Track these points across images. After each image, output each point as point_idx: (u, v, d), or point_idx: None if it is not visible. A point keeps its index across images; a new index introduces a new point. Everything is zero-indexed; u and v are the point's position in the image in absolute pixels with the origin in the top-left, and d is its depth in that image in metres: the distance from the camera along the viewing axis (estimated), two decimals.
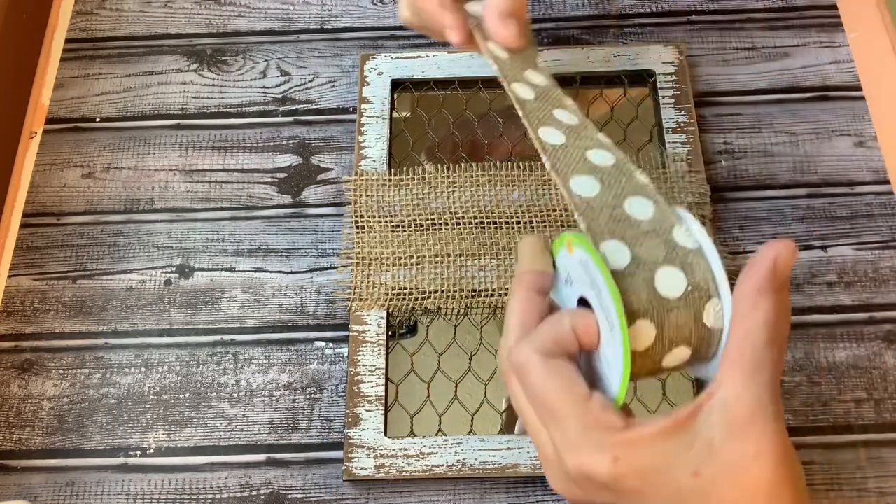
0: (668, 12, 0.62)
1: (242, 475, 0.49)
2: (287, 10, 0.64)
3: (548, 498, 0.47)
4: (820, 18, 0.61)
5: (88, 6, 0.65)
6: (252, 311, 0.53)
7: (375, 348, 0.50)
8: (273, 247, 0.55)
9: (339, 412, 0.50)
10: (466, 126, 0.58)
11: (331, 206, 0.56)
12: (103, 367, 0.52)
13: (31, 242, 0.56)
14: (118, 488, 0.48)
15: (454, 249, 0.52)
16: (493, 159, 0.56)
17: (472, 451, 0.47)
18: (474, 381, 0.50)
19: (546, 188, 0.54)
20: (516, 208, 0.53)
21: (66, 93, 0.61)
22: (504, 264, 0.52)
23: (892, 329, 0.51)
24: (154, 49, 0.63)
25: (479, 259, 0.52)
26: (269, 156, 0.58)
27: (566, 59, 0.58)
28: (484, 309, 0.52)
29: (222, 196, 0.57)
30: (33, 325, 0.53)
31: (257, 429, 0.50)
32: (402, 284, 0.52)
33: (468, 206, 0.53)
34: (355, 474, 0.47)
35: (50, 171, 0.58)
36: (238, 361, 0.52)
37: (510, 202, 0.53)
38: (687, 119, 0.56)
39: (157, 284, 0.54)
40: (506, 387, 0.34)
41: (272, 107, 0.60)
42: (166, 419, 0.50)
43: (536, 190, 0.54)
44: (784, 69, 0.60)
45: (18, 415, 0.50)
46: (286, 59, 0.62)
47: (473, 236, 0.53)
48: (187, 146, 0.59)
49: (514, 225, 0.53)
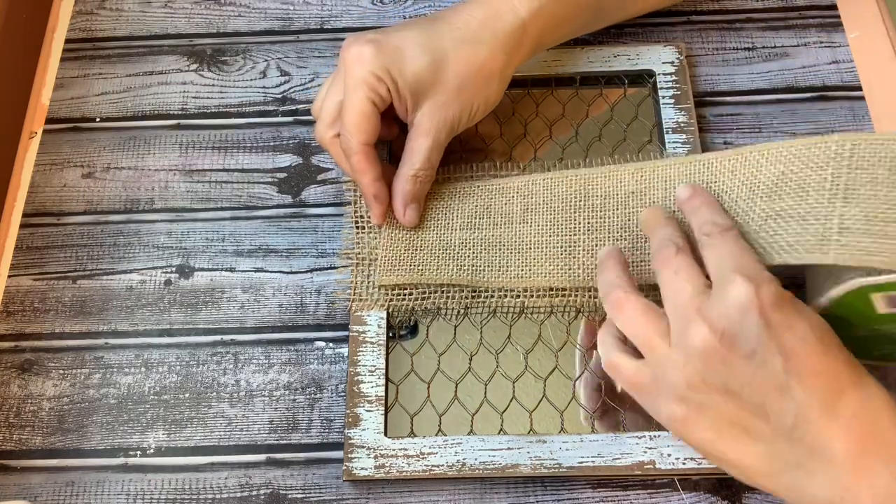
0: (668, 12, 0.62)
1: (242, 475, 0.49)
2: (287, 10, 0.64)
3: (548, 498, 0.47)
4: (820, 18, 0.61)
5: (88, 6, 0.65)
6: (252, 311, 0.53)
7: (375, 348, 0.50)
8: (273, 247, 0.55)
9: (339, 412, 0.50)
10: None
11: (331, 206, 0.56)
12: (103, 367, 0.52)
13: (31, 242, 0.56)
14: (118, 488, 0.48)
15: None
16: (493, 159, 0.56)
17: (472, 451, 0.47)
18: (474, 381, 0.50)
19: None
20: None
21: (66, 93, 0.61)
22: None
23: None
24: (154, 49, 0.63)
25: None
26: (269, 156, 0.58)
27: (566, 59, 0.58)
28: (484, 309, 0.52)
29: (222, 196, 0.57)
30: (33, 325, 0.53)
31: (257, 429, 0.50)
32: (402, 284, 0.52)
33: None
34: (355, 474, 0.47)
35: (50, 171, 0.58)
36: (238, 361, 0.52)
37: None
38: (687, 119, 0.56)
39: (157, 284, 0.54)
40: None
41: (272, 107, 0.60)
42: (166, 419, 0.50)
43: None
44: (784, 69, 0.60)
45: (18, 415, 0.50)
46: (286, 59, 0.62)
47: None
48: (187, 146, 0.59)
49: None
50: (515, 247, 0.51)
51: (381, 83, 0.48)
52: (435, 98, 0.49)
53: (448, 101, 0.49)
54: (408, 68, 0.48)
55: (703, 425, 0.39)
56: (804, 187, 0.43)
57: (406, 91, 0.48)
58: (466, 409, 0.50)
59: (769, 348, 0.37)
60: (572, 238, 0.51)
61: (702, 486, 0.47)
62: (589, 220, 0.51)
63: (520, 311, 0.52)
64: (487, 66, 0.49)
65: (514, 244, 0.51)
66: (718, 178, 0.48)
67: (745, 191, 0.46)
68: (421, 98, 0.49)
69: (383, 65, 0.47)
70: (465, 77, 0.49)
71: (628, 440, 0.47)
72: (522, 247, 0.51)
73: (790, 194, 0.44)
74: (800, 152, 0.44)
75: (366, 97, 0.47)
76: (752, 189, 0.46)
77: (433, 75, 0.48)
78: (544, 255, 0.51)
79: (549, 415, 0.49)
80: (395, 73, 0.48)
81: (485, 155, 0.57)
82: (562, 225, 0.51)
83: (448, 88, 0.49)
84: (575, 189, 0.52)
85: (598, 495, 0.47)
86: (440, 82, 0.49)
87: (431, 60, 0.48)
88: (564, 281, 0.50)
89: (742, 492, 0.47)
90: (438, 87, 0.49)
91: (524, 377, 0.50)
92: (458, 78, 0.49)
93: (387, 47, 0.48)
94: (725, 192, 0.47)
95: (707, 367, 0.38)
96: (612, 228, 0.51)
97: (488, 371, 0.51)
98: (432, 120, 0.49)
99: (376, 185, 0.50)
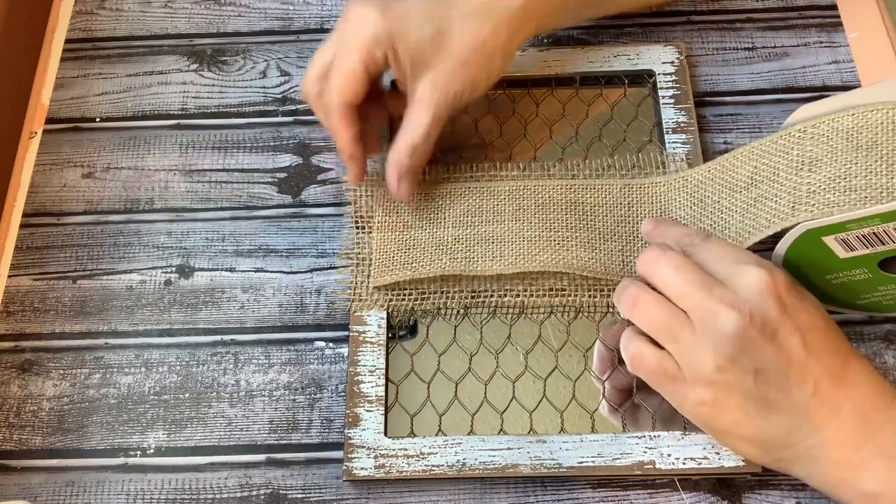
0: (668, 12, 0.62)
1: (242, 475, 0.49)
2: (287, 10, 0.64)
3: (548, 498, 0.47)
4: (820, 18, 0.61)
5: (88, 6, 0.65)
6: (252, 311, 0.53)
7: (375, 348, 0.50)
8: (273, 247, 0.55)
9: (339, 412, 0.50)
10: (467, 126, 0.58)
11: (331, 206, 0.56)
12: (103, 367, 0.52)
13: (31, 242, 0.56)
14: (118, 488, 0.48)
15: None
16: (492, 159, 0.56)
17: (472, 451, 0.47)
18: (474, 381, 0.50)
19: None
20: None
21: (66, 93, 0.61)
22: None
23: (892, 329, 0.51)
24: (154, 49, 0.63)
25: None
26: (269, 156, 0.58)
27: (566, 59, 0.58)
28: (484, 309, 0.52)
29: (222, 196, 0.57)
30: (33, 325, 0.53)
31: (257, 429, 0.50)
32: (402, 285, 0.52)
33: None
34: (355, 474, 0.47)
35: (50, 171, 0.58)
36: (238, 361, 0.52)
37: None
38: (687, 119, 0.56)
39: (157, 284, 0.54)
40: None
41: (272, 107, 0.60)
42: (166, 419, 0.50)
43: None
44: (784, 69, 0.60)
45: (18, 415, 0.50)
46: (286, 59, 0.62)
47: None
48: (187, 146, 0.59)
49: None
50: (509, 238, 0.51)
51: (380, 47, 0.47)
52: (437, 70, 0.48)
53: (451, 74, 0.48)
54: (411, 36, 0.47)
55: (731, 405, 0.42)
56: (776, 171, 0.47)
57: (406, 59, 0.48)
58: (466, 409, 0.50)
59: (787, 328, 0.41)
60: (565, 234, 0.51)
61: (702, 486, 0.47)
62: (581, 220, 0.52)
63: (520, 311, 0.52)
64: (491, 41, 0.49)
65: (508, 237, 0.51)
66: (700, 187, 0.51)
67: (725, 191, 0.49)
68: (422, 68, 0.48)
69: (386, 28, 0.47)
70: (470, 51, 0.48)
71: (628, 440, 0.47)
72: (516, 238, 0.51)
73: (764, 181, 0.47)
74: (769, 145, 0.48)
75: (359, 59, 0.47)
76: (731, 187, 0.49)
77: (437, 46, 0.48)
78: (538, 246, 0.51)
79: (549, 415, 0.49)
80: (397, 39, 0.47)
81: (484, 155, 0.57)
82: (554, 223, 0.52)
83: (452, 61, 0.48)
84: (564, 196, 0.53)
85: (598, 495, 0.47)
86: (444, 54, 0.48)
87: (436, 31, 0.48)
88: (561, 266, 0.50)
89: (742, 492, 0.47)
90: (442, 59, 0.48)
91: (524, 377, 0.50)
92: (463, 52, 0.48)
93: (391, 12, 0.47)
94: (708, 196, 0.50)
95: (738, 350, 0.41)
96: (603, 229, 0.52)
97: (488, 371, 0.51)
98: (434, 93, 0.48)
99: (352, 145, 0.49)
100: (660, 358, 0.43)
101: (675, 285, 0.43)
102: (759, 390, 0.41)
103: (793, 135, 0.46)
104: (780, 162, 0.46)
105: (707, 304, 0.41)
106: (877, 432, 0.41)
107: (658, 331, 0.44)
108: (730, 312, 0.41)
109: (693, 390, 0.42)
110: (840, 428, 0.41)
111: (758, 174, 0.48)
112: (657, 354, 0.44)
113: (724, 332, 0.41)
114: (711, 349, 0.41)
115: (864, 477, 0.40)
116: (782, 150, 0.47)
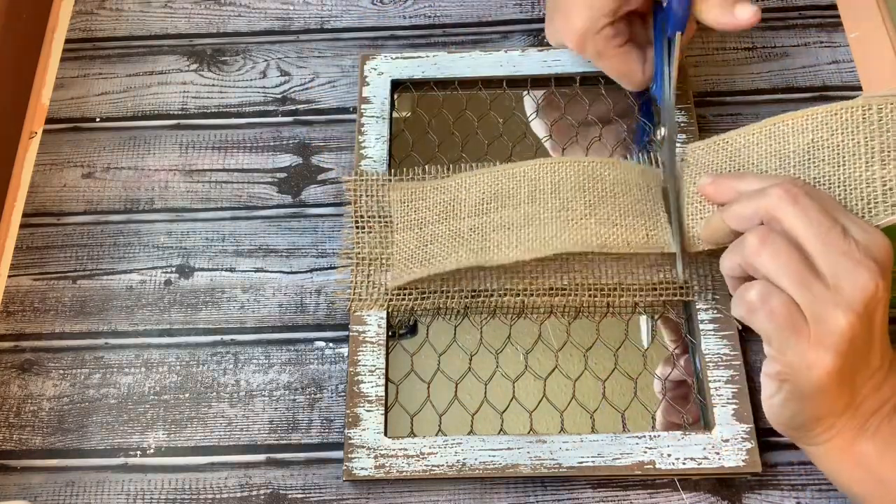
0: None
1: (242, 475, 0.49)
2: (287, 10, 0.64)
3: (548, 498, 0.47)
4: (820, 18, 0.61)
5: (88, 6, 0.65)
6: (252, 311, 0.53)
7: (375, 348, 0.50)
8: (273, 247, 0.55)
9: (339, 412, 0.50)
10: (467, 126, 0.58)
11: (331, 206, 0.56)
12: (103, 367, 0.52)
13: (31, 242, 0.56)
14: (118, 488, 0.48)
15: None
16: (493, 160, 0.56)
17: (472, 451, 0.47)
18: (474, 381, 0.50)
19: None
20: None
21: (66, 93, 0.61)
22: (503, 264, 0.52)
23: (891, 329, 0.51)
24: (154, 49, 0.63)
25: None
26: (269, 156, 0.58)
27: (566, 59, 0.58)
28: (484, 309, 0.52)
29: (222, 196, 0.57)
30: (33, 325, 0.53)
31: (257, 429, 0.50)
32: (401, 284, 0.52)
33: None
34: (355, 474, 0.47)
35: (50, 171, 0.58)
36: (238, 361, 0.52)
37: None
38: (687, 119, 0.56)
39: (157, 284, 0.54)
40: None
41: (272, 107, 0.60)
42: (166, 419, 0.50)
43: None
44: (784, 69, 0.60)
45: (18, 415, 0.50)
46: (286, 59, 0.62)
47: None
48: (187, 146, 0.59)
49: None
50: (525, 223, 0.50)
51: None
52: None
53: None
54: None
55: (846, 370, 0.40)
56: (839, 154, 0.45)
57: None
58: (466, 409, 0.50)
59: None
60: (584, 212, 0.49)
61: (702, 486, 0.47)
62: (599, 197, 0.50)
63: (520, 311, 0.52)
64: None
65: (524, 222, 0.50)
66: (742, 152, 0.49)
67: (775, 161, 0.47)
68: None
69: None
70: None
71: (628, 440, 0.47)
72: (533, 223, 0.50)
73: (826, 161, 0.45)
74: (826, 119, 0.46)
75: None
76: (783, 159, 0.47)
77: None
78: (555, 227, 0.49)
79: (549, 415, 0.49)
80: None
81: (485, 155, 0.57)
82: (571, 202, 0.50)
83: None
84: (582, 174, 0.51)
85: (598, 495, 0.47)
86: None
87: None
88: (579, 247, 0.48)
89: (742, 492, 0.47)
90: None
91: (524, 377, 0.50)
92: None
93: None
94: (753, 164, 0.48)
95: (868, 313, 0.39)
96: (624, 205, 0.50)
97: (488, 371, 0.51)
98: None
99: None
100: (789, 302, 0.40)
101: (803, 225, 0.40)
102: (870, 359, 0.41)
103: (856, 112, 0.44)
104: (844, 144, 0.44)
105: (838, 258, 0.39)
106: None
107: (787, 275, 0.40)
108: (864, 272, 0.39)
109: (815, 352, 0.39)
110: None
111: (816, 150, 0.45)
112: (786, 297, 0.40)
113: (858, 289, 0.39)
114: (845, 306, 0.39)
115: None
116: (845, 129, 0.44)
